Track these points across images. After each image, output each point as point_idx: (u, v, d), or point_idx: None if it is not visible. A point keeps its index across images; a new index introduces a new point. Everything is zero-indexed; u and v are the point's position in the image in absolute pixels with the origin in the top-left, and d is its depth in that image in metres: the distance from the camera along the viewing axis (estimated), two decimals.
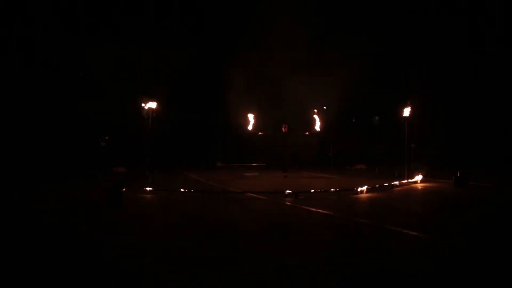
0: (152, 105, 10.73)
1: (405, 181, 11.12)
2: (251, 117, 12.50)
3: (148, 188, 9.27)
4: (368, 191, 9.36)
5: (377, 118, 18.08)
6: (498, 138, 15.58)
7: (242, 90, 17.85)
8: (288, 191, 8.73)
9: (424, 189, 10.42)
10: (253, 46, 17.65)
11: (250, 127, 12.51)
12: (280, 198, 8.49)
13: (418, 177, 11.45)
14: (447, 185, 10.73)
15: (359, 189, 9.21)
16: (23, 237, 5.40)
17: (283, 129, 12.73)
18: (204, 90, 17.92)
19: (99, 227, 6.12)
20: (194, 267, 4.20)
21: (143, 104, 10.96)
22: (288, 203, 8.06)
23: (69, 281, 3.83)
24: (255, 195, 9.10)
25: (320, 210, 7.19)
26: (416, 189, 10.42)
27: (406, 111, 11.51)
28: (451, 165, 12.75)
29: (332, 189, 9.16)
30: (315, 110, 12.62)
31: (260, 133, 12.77)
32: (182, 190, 9.12)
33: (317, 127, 12.47)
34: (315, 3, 16.90)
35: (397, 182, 10.56)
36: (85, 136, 14.88)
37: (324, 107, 15.29)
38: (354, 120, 18.35)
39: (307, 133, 12.74)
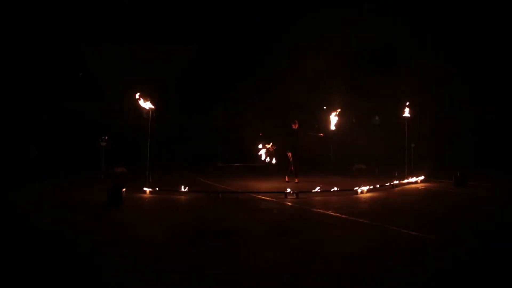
0: (153, 105, 10.70)
1: (405, 181, 11.12)
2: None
3: (148, 188, 9.27)
4: (368, 191, 9.37)
5: (377, 118, 18.07)
6: (499, 138, 15.58)
7: (244, 90, 17.87)
8: (288, 191, 8.74)
9: (424, 189, 10.43)
10: (254, 44, 17.64)
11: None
12: (281, 198, 8.50)
13: (418, 177, 11.45)
14: (447, 185, 10.74)
15: (360, 189, 9.22)
16: (23, 237, 5.39)
17: (293, 125, 11.48)
18: (204, 89, 17.91)
19: (99, 227, 6.12)
20: (194, 268, 4.20)
21: (143, 104, 10.94)
22: (289, 203, 8.07)
23: (69, 282, 3.83)
24: (255, 195, 9.11)
25: (320, 210, 7.20)
26: (416, 189, 10.42)
27: (406, 111, 11.51)
28: (451, 165, 12.75)
29: (332, 189, 9.16)
30: (337, 110, 11.44)
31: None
32: (182, 190, 9.12)
33: (333, 127, 11.40)
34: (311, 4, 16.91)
35: (397, 182, 10.57)
36: (85, 136, 14.85)
37: (324, 107, 15.27)
38: (354, 120, 18.34)
39: (321, 134, 11.82)
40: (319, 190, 9.01)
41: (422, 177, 11.51)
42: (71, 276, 3.95)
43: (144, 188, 9.28)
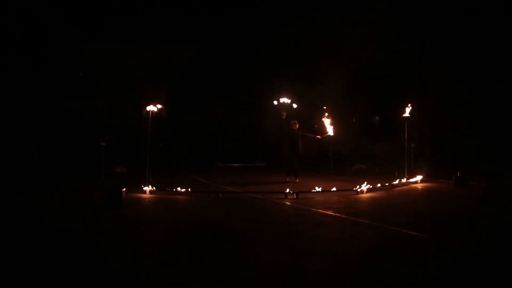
0: (153, 105, 10.72)
1: (405, 181, 11.12)
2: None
3: (147, 188, 9.27)
4: (368, 191, 9.37)
5: (377, 118, 18.06)
6: (499, 138, 15.59)
7: (243, 90, 17.89)
8: (288, 191, 8.74)
9: (424, 189, 10.42)
10: (254, 43, 17.65)
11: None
12: (281, 198, 8.50)
13: (418, 177, 11.44)
14: (447, 185, 10.73)
15: (359, 189, 9.22)
16: (23, 237, 5.40)
17: (294, 126, 11.52)
18: (204, 89, 17.91)
19: (99, 226, 6.12)
20: (193, 268, 4.20)
21: (143, 105, 10.96)
22: (288, 203, 8.06)
23: (68, 282, 3.83)
24: (255, 195, 9.11)
25: (320, 210, 7.20)
26: (416, 189, 10.42)
27: (406, 111, 11.51)
28: (451, 164, 12.74)
29: (332, 189, 9.16)
30: (327, 114, 11.59)
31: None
32: (181, 190, 9.12)
33: (330, 130, 11.47)
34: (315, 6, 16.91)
35: (397, 182, 10.56)
36: (85, 136, 14.87)
37: (324, 107, 15.28)
38: (354, 120, 18.34)
39: (318, 136, 11.75)
40: (319, 190, 9.01)
41: (422, 177, 11.51)
42: (73, 271, 3.96)
43: (144, 188, 9.28)
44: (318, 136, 11.87)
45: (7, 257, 4.53)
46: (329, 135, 11.72)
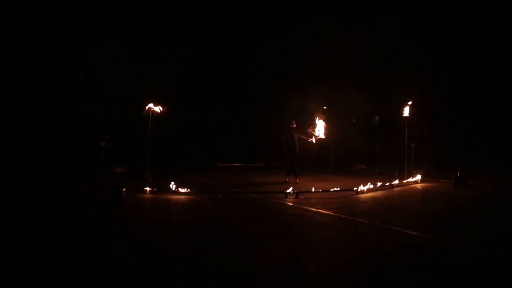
0: (153, 105, 10.72)
1: (405, 181, 11.12)
2: None
3: (147, 188, 9.26)
4: (368, 191, 9.37)
5: (377, 118, 18.07)
6: (498, 137, 15.59)
7: (243, 90, 17.92)
8: (289, 191, 8.73)
9: (424, 188, 10.42)
10: (254, 43, 17.68)
11: None
12: (281, 198, 8.50)
13: (418, 177, 11.45)
14: (447, 184, 10.73)
15: (359, 189, 9.22)
16: (23, 237, 5.40)
17: (292, 125, 11.56)
18: (204, 89, 17.93)
19: (99, 226, 6.12)
20: (193, 268, 4.20)
21: (144, 105, 10.97)
22: (289, 203, 8.06)
23: (67, 281, 3.83)
24: (255, 195, 9.11)
25: (320, 210, 7.20)
26: (416, 189, 10.42)
27: (406, 111, 11.51)
28: (451, 165, 12.75)
29: (332, 189, 9.16)
30: (320, 116, 11.52)
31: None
32: (182, 190, 9.12)
33: (322, 134, 11.26)
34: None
35: (397, 182, 10.56)
36: (85, 136, 14.88)
37: (324, 107, 15.28)
38: (354, 120, 18.35)
39: (311, 139, 11.49)
40: (319, 190, 9.01)
41: (421, 177, 11.51)
42: (72, 271, 3.96)
43: (144, 188, 9.28)
44: (311, 139, 11.76)
45: (6, 257, 4.53)
46: (321, 138, 11.57)
